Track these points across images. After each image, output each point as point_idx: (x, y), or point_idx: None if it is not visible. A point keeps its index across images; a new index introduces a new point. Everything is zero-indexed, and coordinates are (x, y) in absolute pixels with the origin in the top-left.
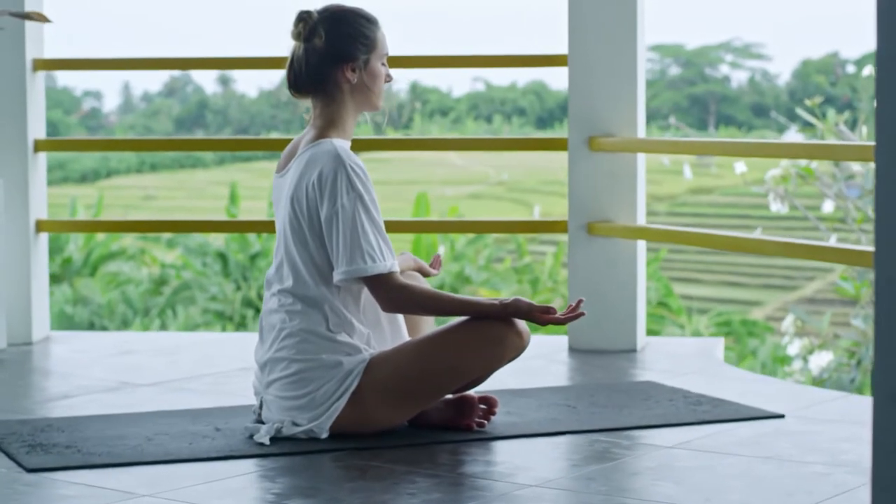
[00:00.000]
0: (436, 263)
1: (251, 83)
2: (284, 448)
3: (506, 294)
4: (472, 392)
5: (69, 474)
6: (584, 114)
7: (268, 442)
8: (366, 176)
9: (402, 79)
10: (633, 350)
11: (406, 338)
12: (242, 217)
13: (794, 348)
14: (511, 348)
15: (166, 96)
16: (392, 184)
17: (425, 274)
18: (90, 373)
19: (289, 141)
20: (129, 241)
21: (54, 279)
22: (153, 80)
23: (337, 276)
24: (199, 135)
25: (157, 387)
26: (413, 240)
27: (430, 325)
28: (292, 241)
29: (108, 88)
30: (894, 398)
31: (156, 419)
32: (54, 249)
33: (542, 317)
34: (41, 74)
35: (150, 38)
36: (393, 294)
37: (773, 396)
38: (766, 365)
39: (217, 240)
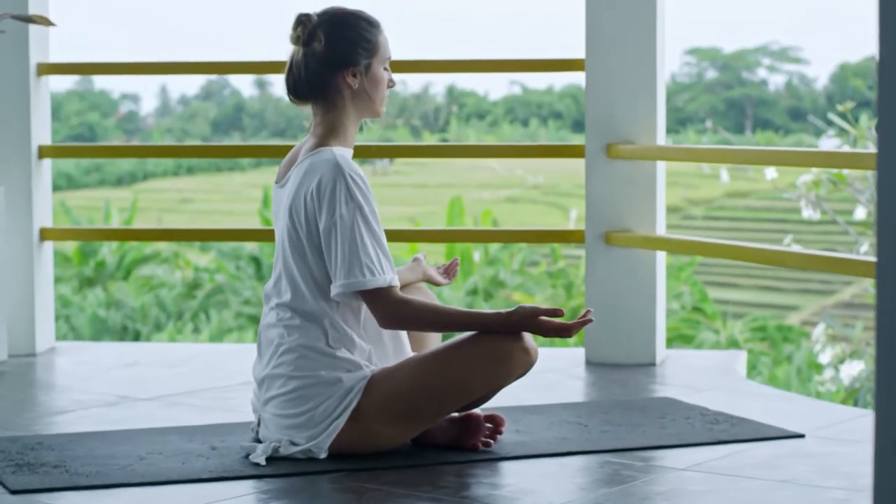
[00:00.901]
0: (451, 271)
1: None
2: (281, 469)
3: (540, 299)
4: (478, 410)
5: (53, 496)
6: (601, 120)
7: (264, 462)
8: (366, 186)
9: (415, 83)
10: (653, 364)
11: (409, 354)
12: None
13: (825, 357)
14: (518, 365)
15: (203, 99)
16: (429, 187)
17: (435, 283)
18: (90, 386)
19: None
20: (162, 244)
21: (88, 282)
22: (190, 84)
23: (334, 290)
24: (236, 138)
25: (157, 401)
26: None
27: (435, 340)
28: (290, 254)
29: (146, 91)
30: None
31: (150, 436)
32: (89, 253)
33: (549, 322)
34: (46, 79)
35: (151, 40)
36: (391, 309)
37: (794, 414)
38: (802, 371)
39: (251, 243)
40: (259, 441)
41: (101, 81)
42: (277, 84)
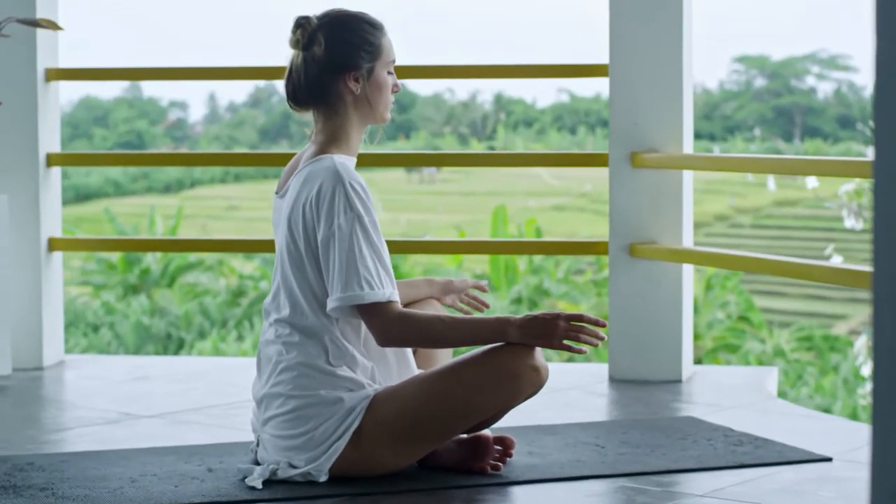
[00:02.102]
0: (476, 298)
1: None
2: (278, 493)
3: (585, 307)
4: (487, 431)
5: None
6: (625, 127)
7: (260, 486)
8: (367, 195)
9: (463, 91)
10: (678, 381)
11: (414, 371)
12: None
13: (867, 369)
14: (527, 384)
15: (251, 107)
16: (477, 195)
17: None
18: (93, 403)
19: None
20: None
21: (133, 290)
22: (239, 91)
23: (331, 304)
24: (284, 145)
25: (161, 419)
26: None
27: (444, 355)
28: (289, 267)
29: (194, 98)
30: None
31: (146, 457)
32: (133, 260)
33: (564, 331)
34: (55, 85)
35: (156, 43)
36: (389, 326)
37: (822, 435)
38: (848, 381)
39: None
40: (258, 463)
41: (149, 89)
42: None
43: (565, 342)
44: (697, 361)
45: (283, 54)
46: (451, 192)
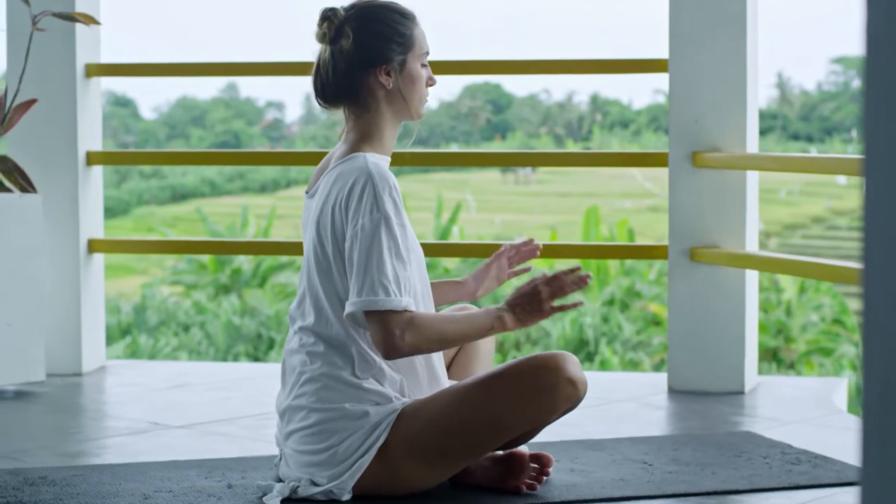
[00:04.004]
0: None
1: (432, 94)
2: None
3: None
4: (523, 448)
5: None
6: (686, 126)
7: None
8: (398, 196)
9: (559, 91)
10: (741, 392)
11: (445, 383)
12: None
13: None
14: (563, 399)
15: None
16: (572, 196)
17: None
18: (125, 411)
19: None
20: (298, 251)
21: (224, 290)
22: None
23: (348, 309)
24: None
25: (190, 429)
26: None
27: (480, 367)
28: (315, 272)
29: (291, 99)
30: None
31: (166, 471)
32: (225, 260)
33: (549, 296)
34: (96, 81)
35: (190, 43)
36: (401, 334)
37: None
38: None
39: None
40: (280, 480)
41: (246, 89)
42: None
43: (555, 304)
44: (790, 365)
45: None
46: (546, 193)
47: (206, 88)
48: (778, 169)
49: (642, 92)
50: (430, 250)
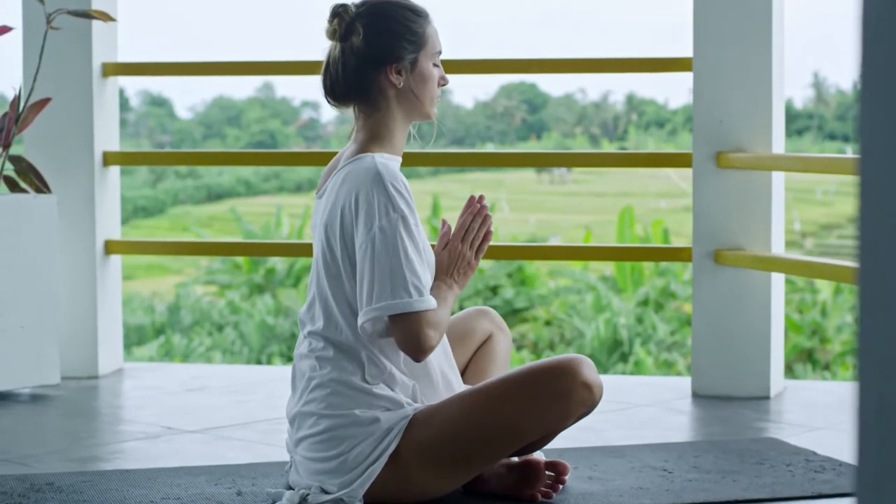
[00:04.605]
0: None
1: (467, 94)
2: None
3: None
4: (539, 454)
5: None
6: (710, 125)
7: None
8: (410, 196)
9: (594, 91)
10: (766, 397)
11: (460, 388)
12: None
13: None
14: (577, 404)
15: None
16: (608, 196)
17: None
18: (139, 415)
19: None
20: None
21: (258, 289)
22: None
23: (370, 314)
24: (414, 146)
25: (204, 434)
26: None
27: (500, 369)
28: (324, 275)
29: None
30: None
31: (175, 477)
32: (259, 260)
33: (469, 247)
34: (113, 80)
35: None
36: (431, 334)
37: None
38: None
39: None
40: (291, 487)
41: (282, 89)
42: (457, 92)
43: (477, 254)
44: (825, 367)
45: (321, 46)
46: (581, 193)
47: (242, 88)
48: (803, 170)
49: (679, 91)
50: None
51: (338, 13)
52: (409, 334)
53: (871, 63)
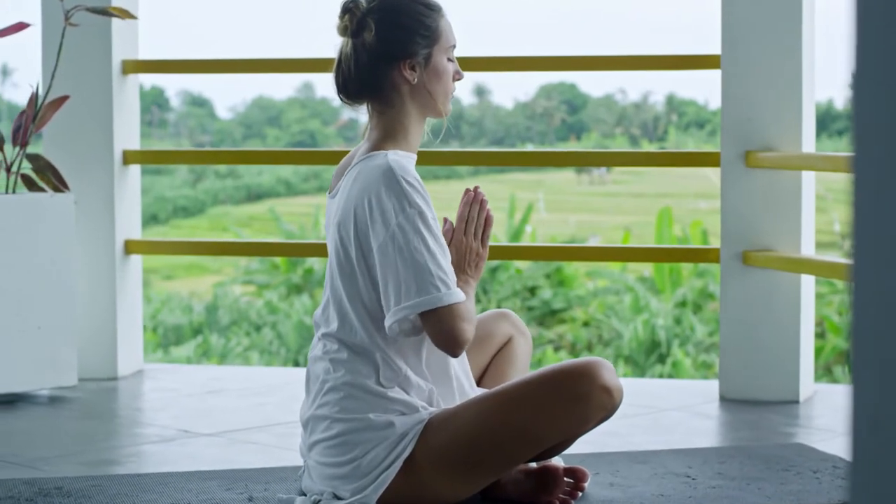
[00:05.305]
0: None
1: (507, 95)
2: None
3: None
4: (558, 461)
5: None
6: (738, 124)
7: None
8: (424, 191)
9: (635, 92)
10: (795, 401)
11: (469, 395)
12: None
13: None
14: (597, 408)
15: None
16: (647, 196)
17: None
18: (155, 418)
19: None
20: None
21: (296, 289)
22: None
23: (399, 313)
24: (454, 146)
25: (220, 437)
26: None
27: (519, 372)
28: (339, 276)
29: None
30: None
31: (187, 482)
32: (297, 260)
33: (475, 240)
34: (133, 78)
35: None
36: (466, 326)
37: None
38: None
39: None
40: (303, 492)
41: (322, 89)
42: (497, 92)
43: (483, 242)
44: None
45: (335, 43)
46: (621, 194)
47: (282, 88)
48: (834, 169)
49: (719, 92)
50: (503, 253)
51: (349, 9)
52: (443, 328)
53: (864, 58)
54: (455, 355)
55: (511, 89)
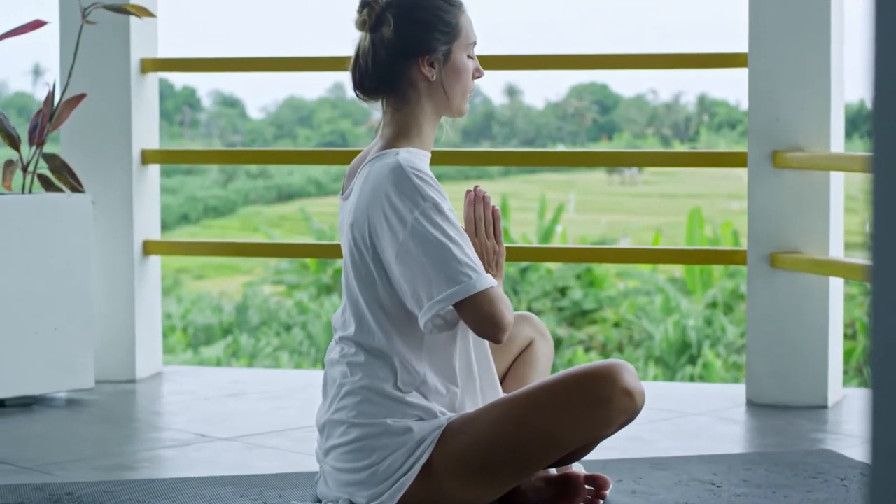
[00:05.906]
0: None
1: (538, 95)
2: None
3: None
4: (579, 467)
5: None
6: (766, 124)
7: None
8: (437, 184)
9: (666, 92)
10: (824, 406)
11: (490, 399)
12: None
13: None
14: (618, 412)
15: None
16: (678, 197)
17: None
18: (172, 421)
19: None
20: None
21: (326, 290)
22: None
23: (435, 307)
24: (485, 146)
25: (237, 441)
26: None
27: (541, 375)
28: (354, 278)
29: None
30: None
31: (200, 488)
32: (327, 260)
33: (489, 238)
34: (152, 76)
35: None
36: (503, 309)
37: None
38: None
39: None
40: (319, 499)
41: (352, 89)
42: (528, 93)
43: (496, 238)
44: None
45: (352, 38)
46: (652, 195)
47: (313, 88)
48: (862, 170)
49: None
50: (533, 255)
51: (367, 3)
52: (482, 315)
53: (883, 58)
54: (498, 341)
55: (542, 90)
